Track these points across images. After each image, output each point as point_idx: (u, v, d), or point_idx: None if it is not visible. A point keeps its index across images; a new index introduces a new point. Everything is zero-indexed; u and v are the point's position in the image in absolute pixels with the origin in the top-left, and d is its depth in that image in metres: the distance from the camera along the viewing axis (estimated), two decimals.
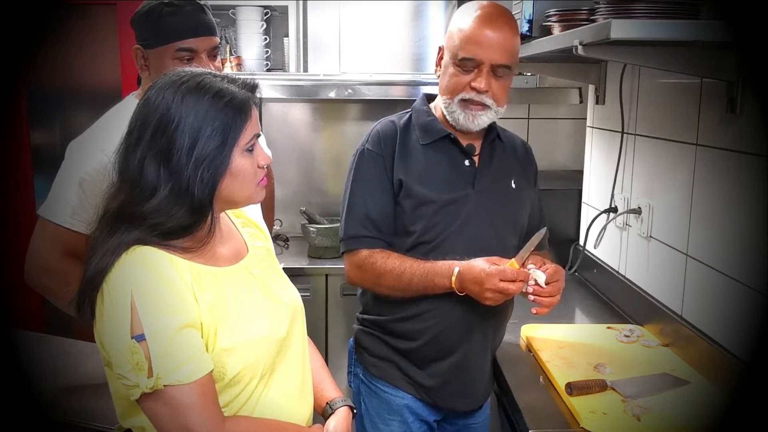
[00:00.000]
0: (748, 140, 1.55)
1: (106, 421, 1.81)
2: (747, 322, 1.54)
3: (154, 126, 1.14)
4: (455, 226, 1.66)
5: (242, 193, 1.21)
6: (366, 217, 1.66)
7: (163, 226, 1.14)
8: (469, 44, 1.60)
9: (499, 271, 1.51)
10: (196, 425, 1.10)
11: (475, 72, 1.61)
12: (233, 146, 1.16)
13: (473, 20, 1.61)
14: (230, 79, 1.20)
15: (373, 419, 1.75)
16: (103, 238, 1.15)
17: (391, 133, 1.69)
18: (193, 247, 1.18)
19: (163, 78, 1.19)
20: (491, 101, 1.63)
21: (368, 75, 2.91)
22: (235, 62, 2.98)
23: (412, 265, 1.61)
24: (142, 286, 1.10)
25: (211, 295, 1.17)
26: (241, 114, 1.17)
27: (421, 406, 1.73)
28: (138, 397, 1.10)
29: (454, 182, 1.68)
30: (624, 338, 1.91)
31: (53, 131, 3.67)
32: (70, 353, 2.19)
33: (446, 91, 1.66)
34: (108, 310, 1.10)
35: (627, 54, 1.58)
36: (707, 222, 1.74)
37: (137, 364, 1.08)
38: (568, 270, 2.58)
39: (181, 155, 1.13)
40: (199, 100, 1.14)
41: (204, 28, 1.67)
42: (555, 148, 3.29)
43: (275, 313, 1.28)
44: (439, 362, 1.69)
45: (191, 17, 1.65)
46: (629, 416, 1.46)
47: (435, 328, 1.67)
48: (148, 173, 1.14)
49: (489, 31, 1.59)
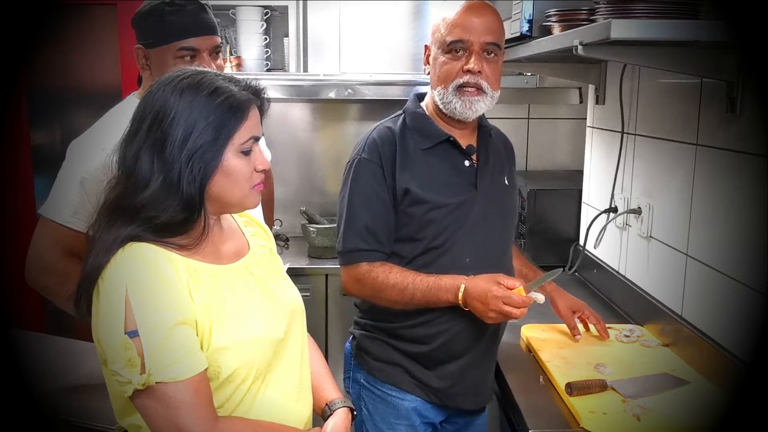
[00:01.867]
0: (748, 140, 1.55)
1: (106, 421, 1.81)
2: (747, 322, 1.54)
3: (151, 119, 1.15)
4: (464, 229, 1.65)
5: (234, 194, 1.21)
6: (365, 230, 1.63)
7: (156, 220, 1.14)
8: (455, 28, 1.62)
9: (504, 295, 1.51)
10: (189, 424, 1.10)
11: (466, 55, 1.62)
12: (226, 144, 1.16)
13: (457, 10, 1.64)
14: (232, 80, 1.21)
15: (377, 424, 1.73)
16: (100, 231, 1.16)
17: (389, 141, 1.66)
18: (190, 245, 1.18)
19: (167, 74, 1.20)
20: (486, 84, 1.63)
21: (368, 75, 2.91)
22: (235, 62, 2.98)
23: (415, 279, 1.59)
24: (136, 283, 1.10)
25: (208, 293, 1.17)
26: (237, 113, 1.17)
27: (429, 408, 1.72)
28: (131, 393, 1.10)
29: (458, 185, 1.67)
30: (624, 338, 1.91)
31: (53, 131, 3.67)
32: (70, 353, 2.19)
33: (439, 80, 1.66)
34: (103, 307, 1.11)
35: (627, 54, 1.58)
36: (707, 222, 1.73)
37: (130, 360, 1.08)
38: (568, 270, 2.58)
39: (173, 148, 1.13)
40: (197, 95, 1.15)
41: (205, 28, 1.68)
42: (555, 148, 3.29)
43: (273, 313, 1.27)
44: (449, 364, 1.68)
45: (193, 17, 1.65)
46: (629, 416, 1.46)
47: (449, 332, 1.65)
48: (143, 165, 1.14)
49: (472, 15, 1.62)
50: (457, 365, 1.68)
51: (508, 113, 3.24)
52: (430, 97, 1.72)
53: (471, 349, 1.68)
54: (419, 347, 1.68)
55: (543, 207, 2.72)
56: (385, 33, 2.96)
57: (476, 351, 1.69)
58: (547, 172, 3.18)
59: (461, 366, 1.68)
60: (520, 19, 2.00)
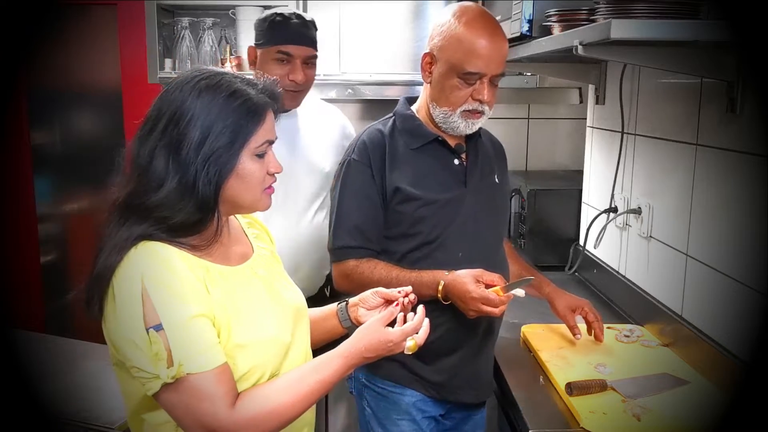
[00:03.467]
0: (748, 140, 1.55)
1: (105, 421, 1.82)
2: (747, 322, 1.54)
3: (168, 118, 1.15)
4: (455, 225, 1.68)
5: (247, 196, 1.21)
6: (354, 228, 1.69)
7: (169, 221, 1.14)
8: (473, 58, 1.61)
9: (482, 297, 1.55)
10: (215, 414, 1.09)
11: (478, 83, 1.63)
12: (242, 147, 1.17)
13: (472, 32, 1.62)
14: (250, 82, 1.21)
15: (381, 421, 1.75)
16: (111, 229, 1.15)
17: (378, 143, 1.71)
18: (202, 246, 1.18)
19: (184, 73, 1.20)
20: (487, 108, 1.68)
21: (368, 75, 2.91)
22: (235, 62, 2.98)
23: (399, 275, 1.63)
24: (152, 277, 1.09)
25: (222, 292, 1.17)
26: (255, 117, 1.18)
27: (429, 403, 1.74)
28: (158, 389, 1.08)
29: (447, 182, 1.70)
30: (624, 338, 1.91)
31: (53, 131, 3.67)
32: (70, 353, 2.19)
33: (447, 103, 1.67)
34: (120, 305, 1.10)
35: (627, 54, 1.58)
36: (707, 222, 1.74)
37: (156, 355, 1.07)
38: (568, 270, 2.58)
39: (190, 149, 1.13)
40: (215, 97, 1.15)
41: (303, 39, 2.02)
42: (555, 148, 3.29)
43: (282, 314, 1.28)
44: (447, 357, 1.71)
45: (294, 28, 2.01)
46: (629, 416, 1.46)
47: (443, 326, 1.67)
48: (158, 164, 1.14)
49: (491, 43, 1.62)
50: (454, 358, 1.71)
51: (508, 113, 3.24)
52: (424, 104, 1.74)
53: (467, 342, 1.71)
54: None
55: (543, 207, 2.72)
56: (385, 33, 2.95)
57: (472, 343, 1.72)
58: (547, 172, 3.17)
59: (458, 359, 1.71)
60: (520, 19, 2.00)
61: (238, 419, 1.11)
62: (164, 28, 3.02)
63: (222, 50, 3.03)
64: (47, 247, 3.59)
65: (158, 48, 2.95)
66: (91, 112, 3.68)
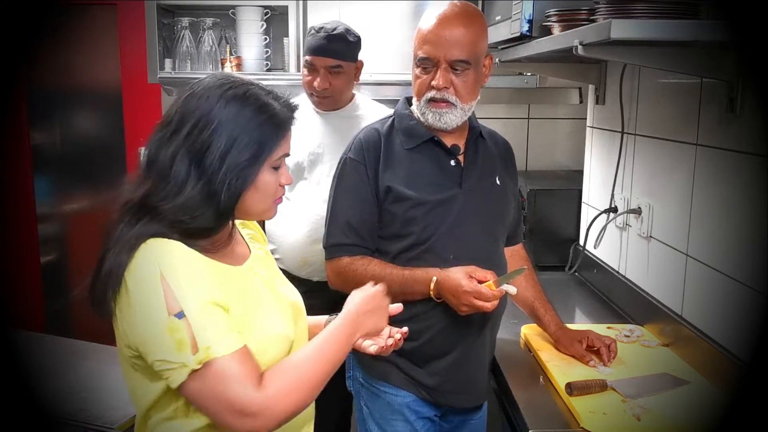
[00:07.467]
0: (748, 140, 1.55)
1: (105, 421, 1.82)
2: (747, 322, 1.54)
3: (193, 123, 1.14)
4: (446, 226, 1.67)
5: (260, 206, 1.23)
6: (347, 226, 1.69)
7: (185, 225, 1.14)
8: (425, 44, 1.64)
9: (474, 290, 1.55)
10: (241, 395, 1.07)
11: (434, 71, 1.64)
12: (264, 161, 1.18)
13: (431, 21, 1.65)
14: (275, 96, 1.22)
15: (377, 421, 1.76)
16: (122, 228, 1.14)
17: (374, 141, 1.71)
18: (212, 248, 1.19)
19: (212, 77, 1.20)
20: (455, 98, 1.65)
21: (368, 75, 2.91)
22: (235, 62, 2.98)
23: (392, 272, 1.64)
24: (169, 265, 1.09)
25: (233, 290, 1.17)
26: (279, 132, 1.19)
27: (422, 404, 1.74)
28: (184, 378, 1.06)
29: (441, 183, 1.69)
30: (624, 338, 1.91)
31: (53, 131, 3.67)
32: (70, 353, 2.19)
33: (414, 93, 1.70)
34: (138, 299, 1.08)
35: (627, 54, 1.58)
36: (707, 222, 1.74)
37: (180, 342, 1.05)
38: (568, 270, 2.58)
39: (213, 159, 1.13)
40: (243, 109, 1.16)
41: (325, 51, 2.24)
42: (555, 148, 3.28)
43: (284, 312, 1.29)
44: (438, 360, 1.70)
45: (315, 41, 2.25)
46: (629, 416, 1.46)
47: (435, 327, 1.67)
48: (179, 169, 1.14)
49: (443, 29, 1.62)
50: (446, 362, 1.70)
51: (508, 113, 3.24)
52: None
53: (458, 345, 1.70)
54: (408, 343, 1.68)
55: (543, 207, 2.72)
56: (384, 33, 2.95)
57: (464, 347, 1.70)
58: (547, 172, 3.17)
59: (450, 362, 1.70)
60: (520, 19, 2.00)
61: (270, 395, 1.09)
62: (164, 28, 3.02)
63: (222, 50, 3.03)
64: (47, 247, 3.59)
65: (158, 48, 2.95)
66: (91, 112, 3.69)
